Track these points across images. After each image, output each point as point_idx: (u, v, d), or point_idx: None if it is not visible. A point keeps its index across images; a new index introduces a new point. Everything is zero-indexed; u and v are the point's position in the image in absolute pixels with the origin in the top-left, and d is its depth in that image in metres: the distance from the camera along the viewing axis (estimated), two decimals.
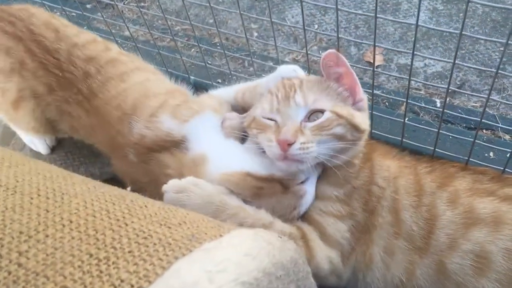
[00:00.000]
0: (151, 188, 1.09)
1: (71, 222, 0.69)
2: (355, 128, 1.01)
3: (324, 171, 1.07)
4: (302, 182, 1.04)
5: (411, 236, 1.00)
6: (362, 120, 1.04)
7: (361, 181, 1.05)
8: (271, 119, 1.03)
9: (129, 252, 0.64)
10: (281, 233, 0.93)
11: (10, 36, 1.24)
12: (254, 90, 1.18)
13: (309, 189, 1.05)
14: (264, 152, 1.02)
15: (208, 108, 1.15)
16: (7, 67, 1.23)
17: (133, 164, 1.15)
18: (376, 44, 1.05)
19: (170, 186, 0.95)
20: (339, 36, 1.07)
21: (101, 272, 0.60)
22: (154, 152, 1.12)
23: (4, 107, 1.29)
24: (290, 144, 0.94)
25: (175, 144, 1.11)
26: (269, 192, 1.01)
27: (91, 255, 0.63)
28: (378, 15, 0.97)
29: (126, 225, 0.71)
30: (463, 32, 0.89)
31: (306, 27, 1.10)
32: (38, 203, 0.72)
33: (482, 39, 1.40)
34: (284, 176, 1.01)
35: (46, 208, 0.71)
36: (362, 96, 1.06)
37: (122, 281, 0.59)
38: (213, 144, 1.09)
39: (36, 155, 1.59)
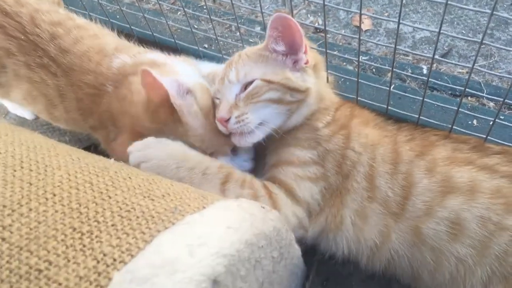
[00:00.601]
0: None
1: (54, 195, 0.70)
2: (293, 90, 1.07)
3: (294, 137, 1.11)
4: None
5: (386, 201, 1.02)
6: (302, 80, 1.09)
7: (334, 145, 1.08)
8: (218, 99, 1.12)
9: (112, 225, 0.66)
10: (242, 181, 1.02)
11: None
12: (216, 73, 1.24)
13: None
14: None
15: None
16: None
17: (110, 96, 1.18)
18: (365, 7, 1.03)
19: (134, 146, 1.00)
20: (325, 3, 1.05)
21: (84, 246, 0.62)
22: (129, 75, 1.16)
23: None
24: (227, 120, 1.04)
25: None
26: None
27: (74, 229, 0.64)
28: None
29: (110, 197, 0.72)
30: (449, 2, 0.89)
31: None
32: (21, 176, 0.73)
33: (467, 9, 1.38)
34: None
35: (29, 181, 0.72)
36: (301, 56, 1.09)
37: (104, 255, 0.60)
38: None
39: (22, 121, 1.58)
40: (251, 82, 1.07)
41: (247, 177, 1.05)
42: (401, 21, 0.99)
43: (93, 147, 1.43)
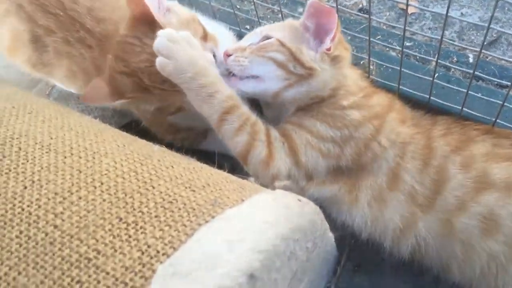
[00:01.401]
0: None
1: (102, 183, 0.73)
2: (297, 61, 1.08)
3: (320, 111, 1.11)
4: None
5: (411, 193, 1.01)
6: (312, 59, 1.09)
7: (361, 133, 1.07)
8: None
9: (156, 217, 0.69)
10: (245, 118, 1.03)
11: None
12: None
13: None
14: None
15: None
16: (2, 10, 1.27)
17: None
18: None
19: (166, 33, 1.00)
20: None
21: (129, 236, 0.65)
22: None
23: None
24: (229, 56, 1.11)
25: None
26: None
27: (120, 219, 0.67)
28: None
29: (153, 188, 0.75)
30: None
31: None
32: (71, 163, 0.77)
33: None
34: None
35: (79, 168, 0.76)
36: (326, 40, 1.09)
37: (149, 246, 0.64)
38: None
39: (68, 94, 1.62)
40: (269, 37, 1.12)
41: (252, 117, 1.05)
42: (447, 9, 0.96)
43: (134, 124, 1.46)
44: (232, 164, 1.04)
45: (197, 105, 1.02)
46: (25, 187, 0.71)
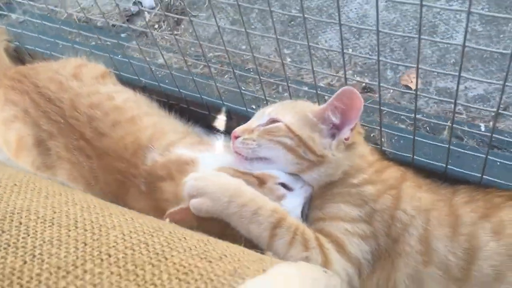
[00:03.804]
0: None
1: (109, 256, 0.66)
2: (308, 148, 1.08)
3: (335, 192, 1.09)
4: (285, 186, 1.10)
5: (447, 266, 0.96)
6: (325, 147, 1.09)
7: (382, 205, 1.04)
8: None
9: None
10: (294, 228, 0.98)
11: (17, 91, 1.40)
12: None
13: (293, 198, 1.09)
14: None
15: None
16: (10, 116, 1.37)
17: (142, 195, 1.21)
18: (414, 67, 1.01)
19: (191, 176, 1.02)
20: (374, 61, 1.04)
21: None
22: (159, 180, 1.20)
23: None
24: (237, 137, 1.13)
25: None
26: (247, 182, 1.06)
27: None
28: (421, 37, 0.93)
29: (166, 259, 0.68)
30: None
31: (342, 51, 1.08)
32: (76, 236, 0.70)
33: None
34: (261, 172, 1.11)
35: (84, 241, 0.69)
36: (346, 130, 1.09)
37: None
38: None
39: None
40: (276, 120, 1.12)
41: (300, 226, 1.01)
42: (450, 80, 0.96)
43: None
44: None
45: (244, 229, 0.97)
46: (25, 262, 0.64)
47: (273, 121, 1.13)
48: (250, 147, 1.11)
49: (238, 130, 1.15)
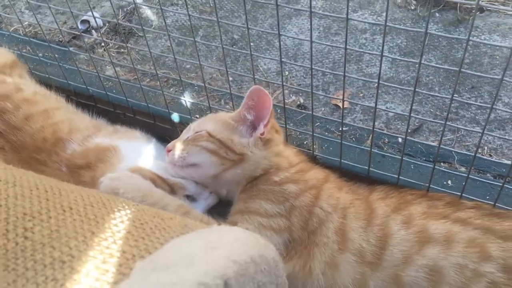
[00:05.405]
0: None
1: (71, 208, 0.74)
2: (228, 148, 1.23)
3: (259, 188, 1.22)
4: (191, 199, 1.30)
5: (361, 252, 1.08)
6: (244, 146, 1.24)
7: (301, 202, 1.16)
8: None
9: (128, 232, 0.69)
10: (198, 218, 1.13)
11: None
12: None
13: (195, 207, 1.27)
14: None
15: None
16: None
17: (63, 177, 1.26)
18: (341, 89, 1.18)
19: (107, 177, 1.15)
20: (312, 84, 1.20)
21: (104, 246, 0.65)
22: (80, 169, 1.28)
23: None
24: (169, 151, 1.29)
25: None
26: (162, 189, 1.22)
27: (93, 233, 0.67)
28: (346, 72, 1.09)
29: (124, 215, 0.75)
30: (416, 89, 1.06)
31: (278, 73, 1.23)
32: (38, 194, 0.77)
33: (432, 95, 1.63)
34: (175, 182, 1.28)
35: (46, 197, 0.76)
36: (260, 126, 1.24)
37: (124, 252, 0.64)
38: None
39: None
40: (200, 131, 1.27)
41: (204, 218, 1.16)
42: (373, 103, 1.13)
43: None
44: None
45: None
46: None
47: (198, 131, 1.28)
48: (181, 156, 1.25)
49: (170, 145, 1.31)
